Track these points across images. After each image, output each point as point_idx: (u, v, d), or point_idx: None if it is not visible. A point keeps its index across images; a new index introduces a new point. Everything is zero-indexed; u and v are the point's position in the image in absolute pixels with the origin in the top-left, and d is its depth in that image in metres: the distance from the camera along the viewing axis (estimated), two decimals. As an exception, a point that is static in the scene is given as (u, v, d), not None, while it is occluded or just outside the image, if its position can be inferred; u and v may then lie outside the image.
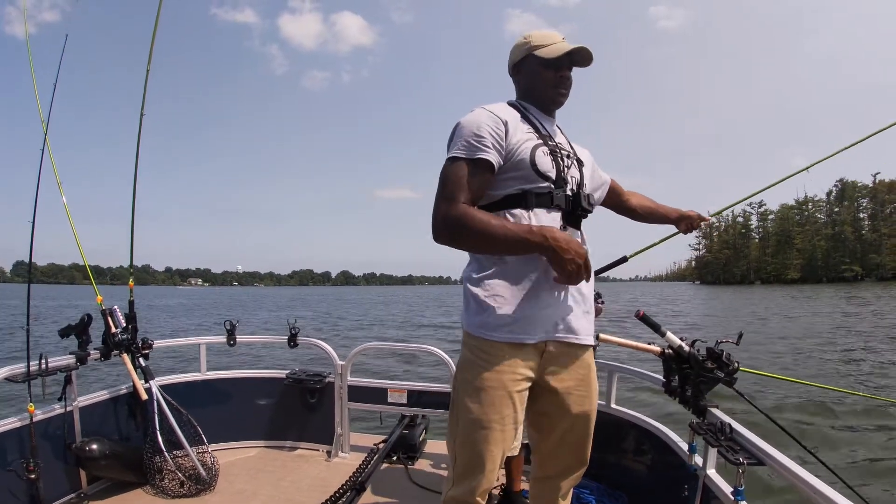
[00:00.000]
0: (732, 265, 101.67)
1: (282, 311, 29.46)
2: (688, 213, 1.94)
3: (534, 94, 1.44)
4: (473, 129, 1.29)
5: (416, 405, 2.93)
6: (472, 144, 1.27)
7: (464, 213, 1.23)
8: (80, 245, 2.69)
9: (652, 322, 1.81)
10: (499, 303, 1.27)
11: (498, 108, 1.35)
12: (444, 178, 1.28)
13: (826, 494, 1.09)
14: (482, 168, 1.27)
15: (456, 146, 1.29)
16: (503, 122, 1.30)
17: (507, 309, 1.27)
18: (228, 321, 3.01)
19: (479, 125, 1.29)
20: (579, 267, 1.20)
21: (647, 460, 2.24)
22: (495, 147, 1.28)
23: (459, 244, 1.29)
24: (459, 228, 1.23)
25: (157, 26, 2.71)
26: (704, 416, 1.66)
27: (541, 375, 1.33)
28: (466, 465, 1.30)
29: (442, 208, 1.26)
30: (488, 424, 1.26)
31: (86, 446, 2.26)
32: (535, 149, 1.31)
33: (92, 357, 2.37)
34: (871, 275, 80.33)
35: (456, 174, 1.26)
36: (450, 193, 1.25)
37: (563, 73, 1.40)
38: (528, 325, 1.27)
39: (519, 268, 1.28)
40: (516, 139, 1.30)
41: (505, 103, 1.42)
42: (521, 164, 1.30)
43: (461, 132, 1.30)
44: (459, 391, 1.32)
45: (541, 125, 1.40)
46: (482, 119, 1.30)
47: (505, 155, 1.30)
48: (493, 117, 1.30)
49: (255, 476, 2.67)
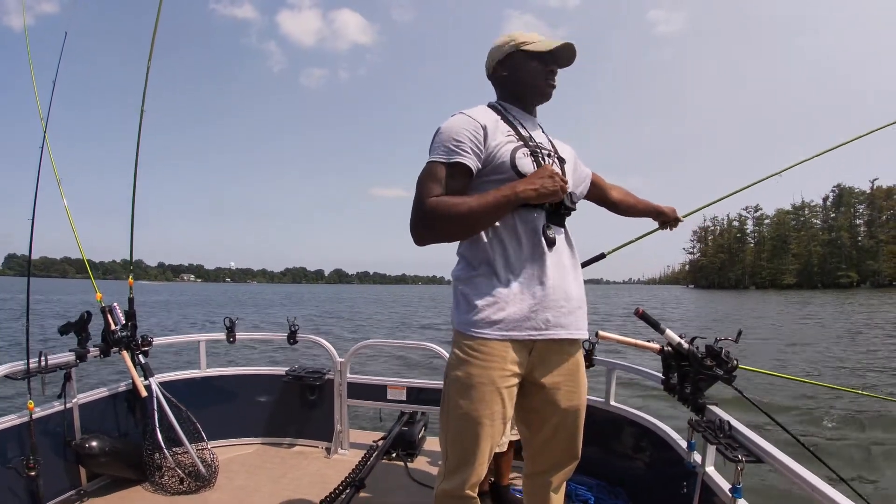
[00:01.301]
0: (727, 269, 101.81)
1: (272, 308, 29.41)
2: (665, 209, 1.94)
3: (520, 90, 1.45)
4: (452, 134, 1.31)
5: (415, 402, 2.94)
6: (449, 149, 1.30)
7: (435, 202, 1.26)
8: (80, 244, 2.69)
9: (651, 320, 1.82)
10: (487, 300, 1.29)
11: (477, 113, 1.37)
12: (420, 181, 1.31)
13: (824, 492, 1.10)
14: (459, 172, 1.30)
15: (434, 151, 1.32)
16: (482, 126, 1.33)
17: (495, 306, 1.29)
18: (228, 318, 3.01)
19: (458, 130, 1.31)
20: (551, 178, 1.28)
21: (646, 457, 2.25)
22: (473, 151, 1.31)
23: (442, 232, 1.31)
24: (434, 217, 1.27)
25: (157, 22, 2.71)
26: (703, 414, 1.67)
27: (529, 371, 1.35)
28: (458, 459, 1.32)
29: (416, 209, 1.29)
30: (478, 420, 1.28)
31: (85, 443, 2.26)
32: (514, 151, 1.33)
33: (92, 354, 2.37)
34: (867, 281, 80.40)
35: (432, 177, 1.29)
36: (423, 194, 1.28)
37: (551, 68, 1.43)
38: (517, 321, 1.29)
39: (507, 265, 1.31)
40: (496, 142, 1.33)
41: (485, 106, 1.44)
42: (501, 167, 1.32)
43: (440, 137, 1.33)
44: (450, 388, 1.34)
45: (521, 126, 1.42)
46: (461, 124, 1.32)
47: (484, 159, 1.32)
48: (471, 122, 1.33)
49: (255, 473, 2.68)
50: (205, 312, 25.11)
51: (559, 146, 1.50)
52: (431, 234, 1.31)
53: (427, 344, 3.06)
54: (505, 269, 1.31)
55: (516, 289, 1.30)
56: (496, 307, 1.28)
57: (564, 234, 1.40)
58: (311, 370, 3.06)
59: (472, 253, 1.35)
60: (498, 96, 1.51)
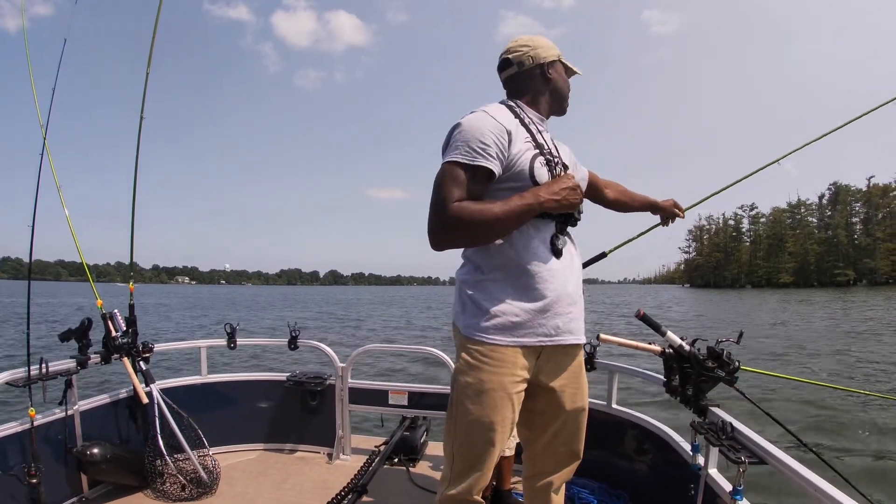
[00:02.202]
0: (723, 268, 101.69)
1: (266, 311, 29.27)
2: (662, 203, 1.90)
3: (556, 97, 1.47)
4: (477, 134, 1.24)
5: (416, 407, 2.93)
6: (474, 150, 1.23)
7: (458, 207, 1.21)
8: (80, 252, 2.68)
9: (652, 321, 1.82)
10: (499, 307, 1.28)
11: (500, 114, 1.32)
12: (440, 182, 1.24)
13: (829, 493, 1.10)
14: (481, 175, 1.25)
15: (456, 150, 1.25)
16: (507, 130, 1.28)
17: (506, 312, 1.28)
18: (228, 324, 3.01)
19: (484, 131, 1.25)
20: (572, 190, 1.29)
21: (648, 460, 2.26)
22: (498, 156, 1.26)
23: (465, 240, 1.29)
24: (458, 224, 1.21)
25: (156, 29, 2.69)
26: (705, 416, 1.67)
27: (535, 375, 1.35)
28: (466, 464, 1.32)
29: (437, 212, 1.23)
30: (490, 426, 1.28)
31: (87, 450, 2.25)
32: (534, 159, 1.31)
33: (92, 361, 2.37)
34: (865, 279, 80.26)
35: (453, 178, 1.23)
36: (444, 198, 1.22)
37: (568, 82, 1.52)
38: (528, 328, 1.29)
39: (519, 272, 1.30)
40: (517, 149, 1.29)
41: (502, 106, 1.39)
42: (520, 174, 1.29)
43: (463, 135, 1.25)
44: (459, 393, 1.33)
45: (538, 131, 1.39)
46: (487, 125, 1.26)
47: (505, 165, 1.28)
48: (497, 125, 1.27)
49: (257, 479, 2.67)
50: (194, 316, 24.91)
51: (561, 149, 1.49)
52: (453, 241, 1.27)
53: (429, 349, 3.06)
54: (516, 276, 1.29)
55: (527, 296, 1.29)
56: (509, 314, 1.28)
57: (570, 239, 1.41)
58: (312, 375, 3.06)
59: (482, 258, 1.33)
60: (513, 94, 1.45)
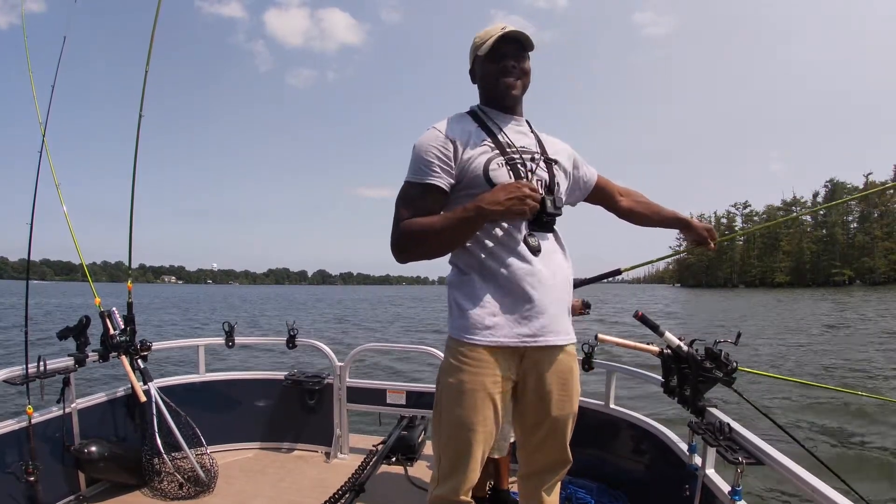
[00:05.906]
0: (715, 268, 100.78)
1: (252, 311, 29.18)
2: (696, 223, 1.72)
3: (490, 94, 1.42)
4: (422, 152, 1.32)
5: (414, 406, 2.93)
6: (420, 168, 1.32)
7: (405, 225, 1.31)
8: (79, 251, 2.69)
9: (650, 322, 1.83)
10: (478, 306, 1.30)
11: (448, 126, 1.35)
12: (397, 202, 1.35)
13: (825, 493, 1.11)
14: (431, 191, 1.32)
15: (409, 170, 1.35)
16: (451, 140, 1.32)
17: (486, 312, 1.29)
18: (227, 322, 3.01)
19: (427, 148, 1.32)
20: (519, 199, 1.23)
21: (646, 460, 2.27)
22: (444, 170, 1.31)
23: (416, 254, 1.34)
24: (406, 240, 1.31)
25: (155, 27, 2.69)
26: (703, 416, 1.68)
27: (522, 377, 1.35)
28: (450, 465, 1.33)
29: (392, 232, 1.34)
30: (471, 426, 1.29)
31: (84, 448, 2.25)
32: (488, 162, 1.31)
33: (90, 359, 2.36)
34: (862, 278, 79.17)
35: (404, 198, 1.34)
36: (396, 218, 1.33)
37: (505, 63, 1.36)
38: (508, 327, 1.29)
39: (493, 272, 1.31)
40: (468, 156, 1.31)
41: (464, 114, 1.43)
42: (475, 180, 1.31)
43: (414, 155, 1.35)
44: (442, 394, 1.34)
45: (500, 131, 1.38)
46: (430, 140, 1.33)
47: (457, 174, 1.33)
48: (439, 137, 1.32)
49: (254, 478, 2.67)
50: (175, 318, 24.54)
51: (551, 144, 1.46)
52: (406, 256, 1.34)
53: (426, 348, 3.06)
54: (491, 275, 1.31)
55: (505, 296, 1.30)
56: (485, 313, 1.29)
57: (554, 237, 1.39)
58: (310, 374, 3.06)
59: (462, 260, 1.36)
60: (479, 101, 1.48)
